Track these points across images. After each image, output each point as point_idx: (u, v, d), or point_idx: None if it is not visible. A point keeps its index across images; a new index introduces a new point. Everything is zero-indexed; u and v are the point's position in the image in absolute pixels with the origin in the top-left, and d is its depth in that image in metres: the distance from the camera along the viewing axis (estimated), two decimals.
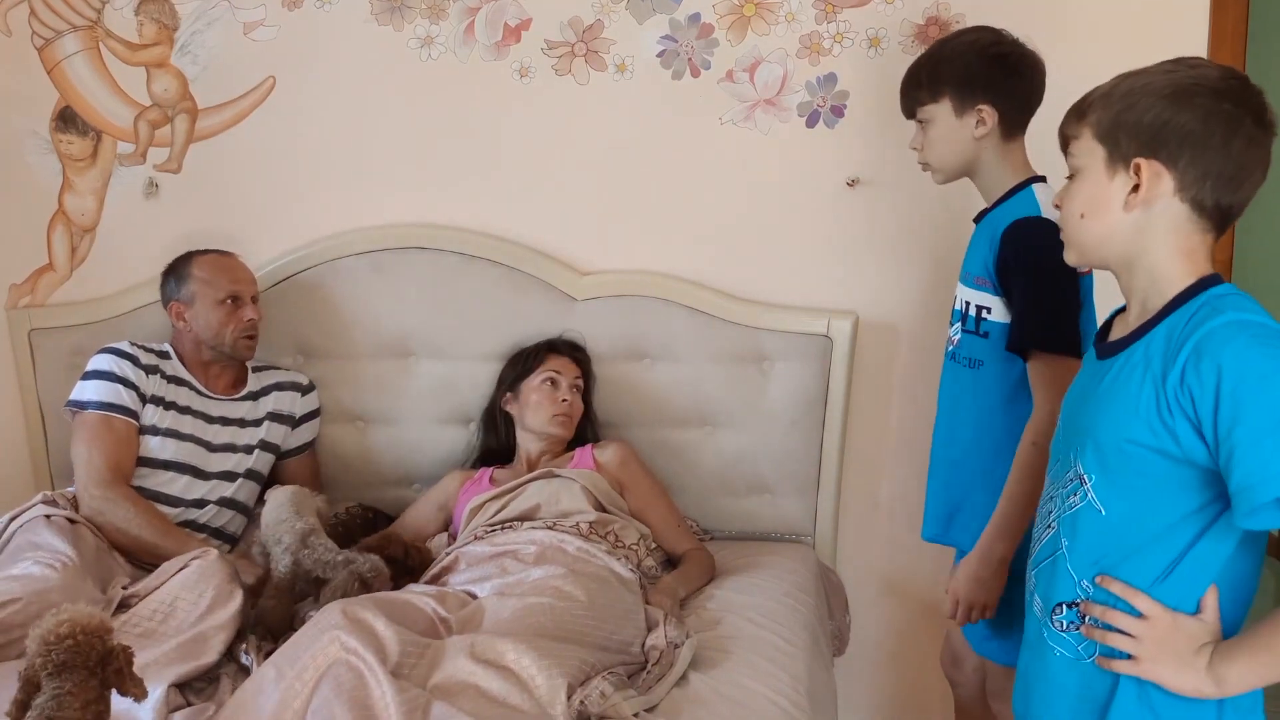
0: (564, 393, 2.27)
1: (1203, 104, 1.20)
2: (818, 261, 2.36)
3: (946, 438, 1.91)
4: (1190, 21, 2.14)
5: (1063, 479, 1.33)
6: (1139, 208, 1.24)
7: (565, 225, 2.44)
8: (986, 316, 1.78)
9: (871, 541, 2.46)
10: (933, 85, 1.80)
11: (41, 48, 2.53)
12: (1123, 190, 1.24)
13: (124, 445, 2.15)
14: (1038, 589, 1.35)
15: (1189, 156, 1.21)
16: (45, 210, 2.58)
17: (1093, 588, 1.27)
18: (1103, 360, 1.31)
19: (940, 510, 1.91)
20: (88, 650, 1.32)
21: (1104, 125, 1.25)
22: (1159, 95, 1.22)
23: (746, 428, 2.37)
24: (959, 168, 1.84)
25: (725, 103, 2.34)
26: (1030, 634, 1.40)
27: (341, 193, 2.49)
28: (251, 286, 2.34)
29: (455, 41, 2.40)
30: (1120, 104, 1.24)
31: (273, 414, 2.35)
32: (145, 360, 2.24)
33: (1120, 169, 1.24)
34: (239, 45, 2.46)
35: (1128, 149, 1.23)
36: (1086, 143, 1.27)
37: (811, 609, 2.06)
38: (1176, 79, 1.23)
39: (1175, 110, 1.21)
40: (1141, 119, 1.22)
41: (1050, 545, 1.33)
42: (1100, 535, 1.27)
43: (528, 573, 1.87)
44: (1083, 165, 1.28)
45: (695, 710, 1.61)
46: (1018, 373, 1.75)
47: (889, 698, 2.53)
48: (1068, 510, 1.30)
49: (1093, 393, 1.30)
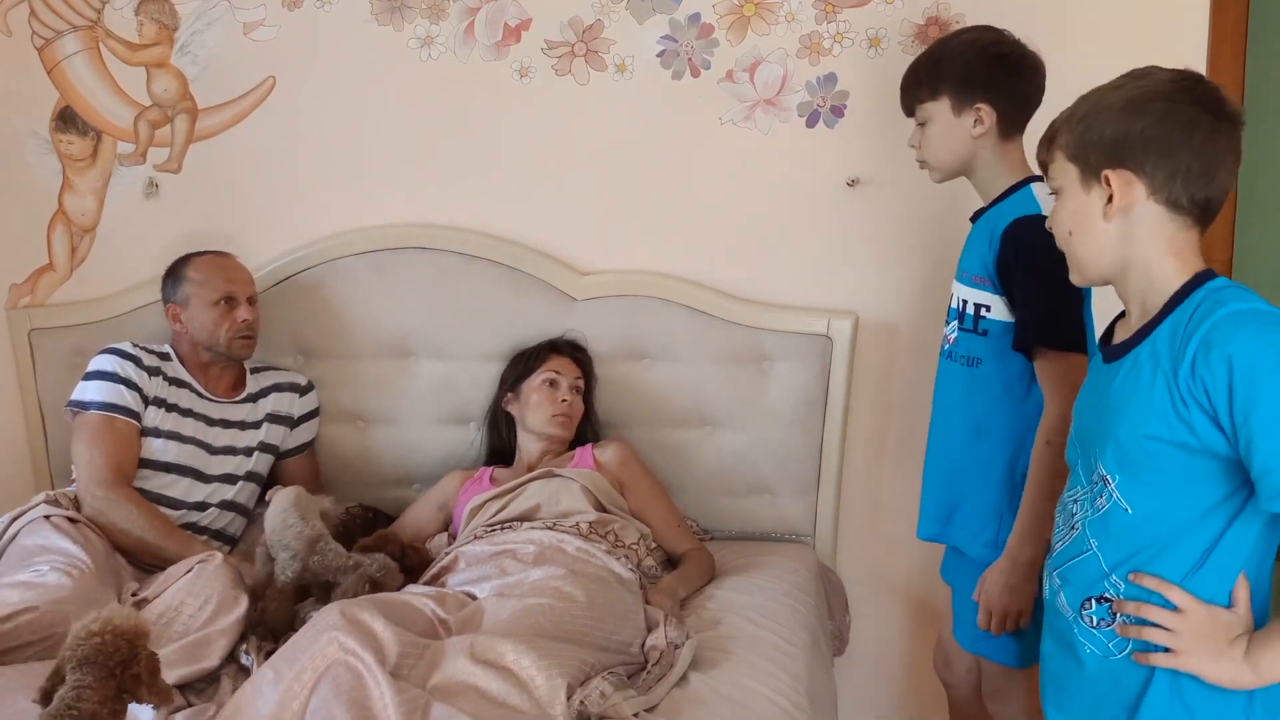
0: (564, 393, 2.27)
1: (1157, 108, 1.28)
2: (818, 261, 2.36)
3: (943, 437, 1.91)
4: (1190, 21, 2.14)
5: (1085, 482, 1.35)
6: (1117, 216, 1.30)
7: (565, 225, 2.44)
8: (985, 315, 1.78)
9: (871, 541, 2.46)
10: (932, 83, 1.81)
11: (41, 48, 2.53)
12: (1100, 202, 1.31)
13: (126, 446, 2.15)
14: (1064, 589, 1.37)
15: (1154, 159, 1.27)
16: (45, 210, 2.58)
17: (1124, 584, 1.30)
18: (1110, 364, 1.34)
19: (937, 509, 1.91)
20: (112, 650, 1.35)
21: (1072, 147, 1.33)
22: (1115, 109, 1.30)
23: (746, 428, 2.37)
24: (956, 166, 1.85)
25: (725, 103, 2.34)
26: (1057, 633, 1.41)
27: (341, 193, 2.49)
28: (248, 287, 2.33)
29: (455, 41, 2.40)
30: (1082, 124, 1.32)
31: (271, 415, 2.35)
32: (148, 362, 2.24)
33: (1094, 183, 1.31)
34: (239, 45, 2.47)
35: (1096, 163, 1.30)
36: (1060, 165, 1.35)
37: (811, 609, 2.06)
38: (1128, 91, 1.31)
39: (1133, 119, 1.28)
40: (1103, 134, 1.30)
41: (1075, 546, 1.36)
42: (1129, 534, 1.30)
43: (527, 573, 1.87)
44: (1061, 185, 1.36)
45: (695, 710, 1.61)
46: (1016, 371, 1.76)
47: (888, 697, 2.54)
48: (1095, 513, 1.33)
49: (1104, 395, 1.33)
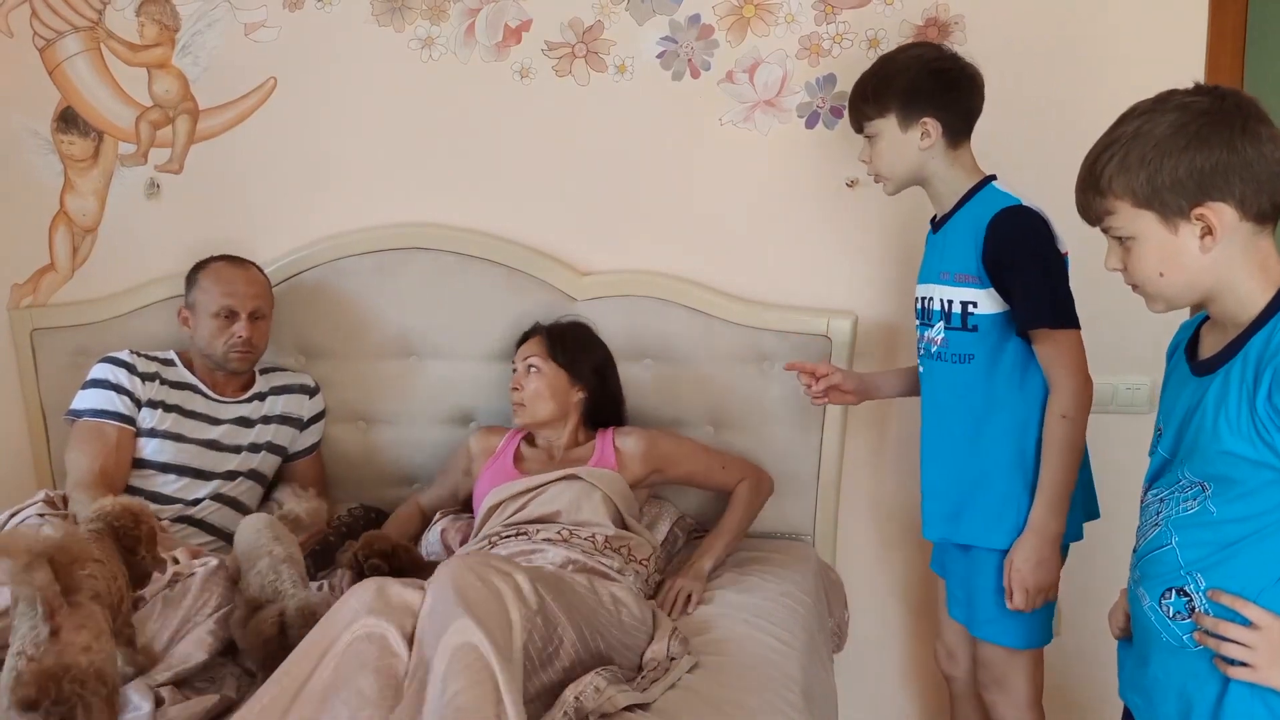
0: (516, 380, 2.25)
1: (1218, 134, 1.25)
2: (818, 261, 2.36)
3: (942, 437, 1.92)
4: (1190, 21, 2.15)
5: (1174, 483, 1.37)
6: (1217, 245, 1.27)
7: (565, 225, 2.44)
8: (974, 311, 1.82)
9: (871, 541, 2.47)
10: (878, 100, 1.87)
11: (43, 48, 2.53)
12: (1193, 237, 1.28)
13: (114, 451, 2.16)
14: (1143, 581, 1.40)
15: (1239, 182, 1.25)
16: (47, 210, 2.59)
17: (1204, 580, 1.32)
18: (1201, 376, 1.35)
19: (945, 509, 1.92)
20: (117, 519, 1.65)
21: (1142, 193, 1.28)
22: (1178, 146, 1.26)
23: (746, 428, 2.37)
24: (907, 178, 1.91)
25: (725, 103, 2.34)
26: (1139, 624, 1.43)
27: (342, 193, 2.50)
28: (253, 301, 2.30)
29: (456, 42, 2.41)
30: (1145, 170, 1.27)
31: (282, 416, 2.35)
32: (143, 368, 2.25)
33: (1181, 222, 1.28)
34: (240, 46, 2.47)
35: (1179, 204, 1.27)
36: (1129, 212, 1.30)
37: (810, 608, 2.07)
38: (1176, 122, 1.27)
39: (1200, 151, 1.25)
40: (1177, 174, 1.26)
41: (1157, 540, 1.38)
42: (1210, 534, 1.32)
43: None
44: (1136, 231, 1.31)
45: (692, 709, 1.61)
46: (1009, 360, 1.81)
47: (888, 696, 2.54)
48: (1183, 512, 1.35)
49: (1198, 407, 1.34)
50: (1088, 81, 2.16)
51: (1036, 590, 1.77)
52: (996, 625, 1.86)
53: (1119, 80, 2.15)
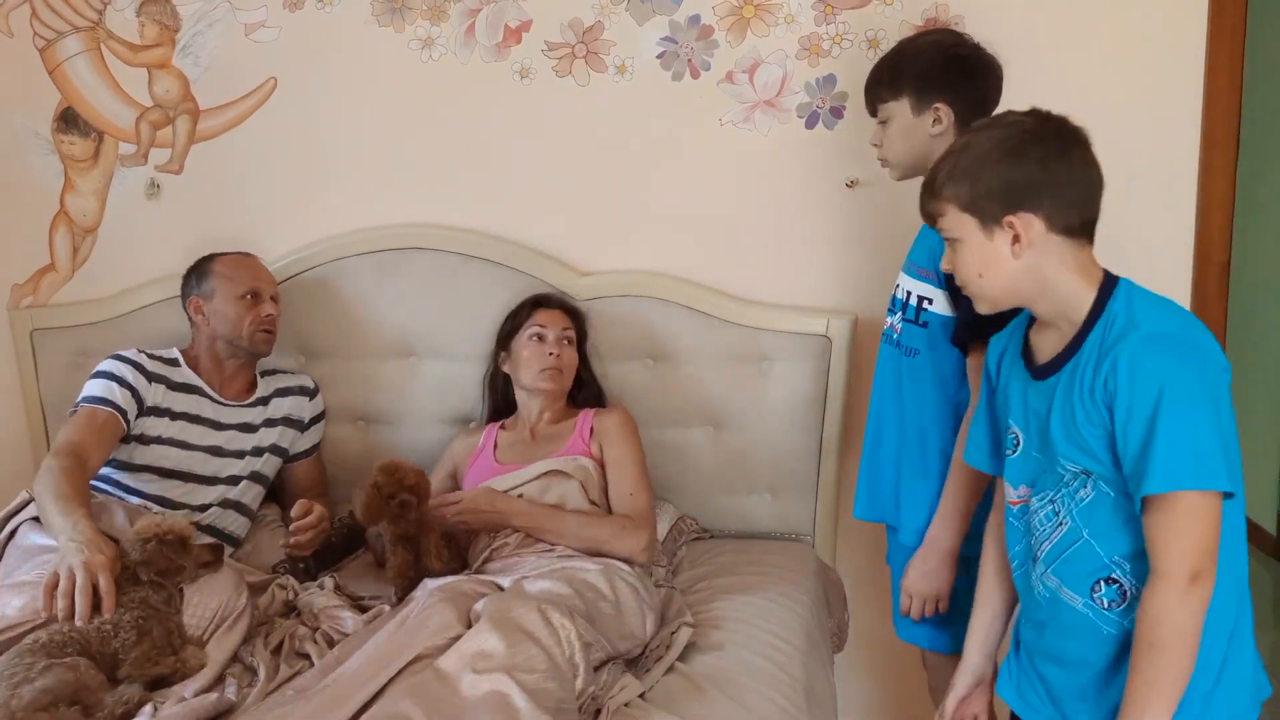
0: (551, 345, 2.22)
1: (1034, 152, 1.38)
2: (817, 261, 2.37)
3: (877, 420, 1.95)
4: (1190, 20, 2.15)
5: (1059, 481, 1.42)
6: (1026, 252, 1.39)
7: (565, 225, 2.45)
8: (927, 308, 1.83)
9: (871, 541, 2.46)
10: (894, 83, 1.86)
11: (43, 49, 2.53)
12: (1005, 243, 1.40)
13: (96, 432, 2.10)
14: (1064, 585, 1.42)
15: (1047, 198, 1.37)
16: (47, 211, 2.59)
17: (1127, 563, 1.36)
18: (1044, 380, 1.42)
19: (866, 488, 1.97)
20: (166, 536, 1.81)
21: (964, 199, 1.41)
22: (995, 159, 1.39)
23: (746, 428, 2.38)
24: (915, 164, 1.89)
25: (725, 104, 2.34)
26: (1065, 629, 1.44)
27: (342, 193, 2.50)
28: (271, 286, 2.35)
29: (456, 43, 2.41)
30: (968, 178, 1.41)
31: (285, 419, 2.35)
32: (151, 367, 2.24)
33: (995, 228, 1.40)
34: (240, 46, 2.47)
35: (994, 211, 1.39)
36: (955, 216, 1.43)
37: (810, 608, 2.07)
38: (999, 140, 1.40)
39: (1015, 167, 1.38)
40: (992, 185, 1.39)
41: (1066, 539, 1.41)
42: (1116, 513, 1.36)
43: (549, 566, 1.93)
44: (960, 235, 1.43)
45: (692, 708, 1.62)
46: (949, 366, 1.82)
47: (889, 696, 2.54)
48: (1080, 502, 1.39)
49: (1050, 410, 1.41)
50: (1087, 81, 2.16)
51: (920, 600, 1.83)
52: (918, 630, 1.91)
53: (1119, 80, 2.16)
